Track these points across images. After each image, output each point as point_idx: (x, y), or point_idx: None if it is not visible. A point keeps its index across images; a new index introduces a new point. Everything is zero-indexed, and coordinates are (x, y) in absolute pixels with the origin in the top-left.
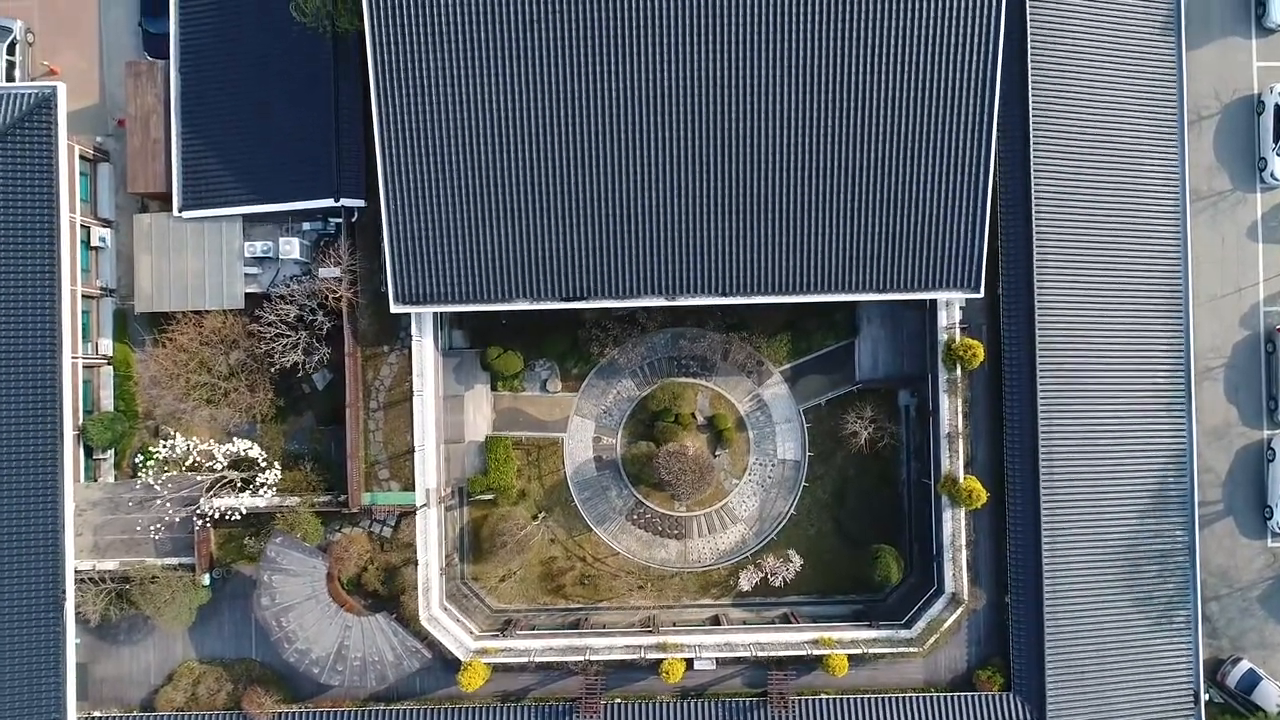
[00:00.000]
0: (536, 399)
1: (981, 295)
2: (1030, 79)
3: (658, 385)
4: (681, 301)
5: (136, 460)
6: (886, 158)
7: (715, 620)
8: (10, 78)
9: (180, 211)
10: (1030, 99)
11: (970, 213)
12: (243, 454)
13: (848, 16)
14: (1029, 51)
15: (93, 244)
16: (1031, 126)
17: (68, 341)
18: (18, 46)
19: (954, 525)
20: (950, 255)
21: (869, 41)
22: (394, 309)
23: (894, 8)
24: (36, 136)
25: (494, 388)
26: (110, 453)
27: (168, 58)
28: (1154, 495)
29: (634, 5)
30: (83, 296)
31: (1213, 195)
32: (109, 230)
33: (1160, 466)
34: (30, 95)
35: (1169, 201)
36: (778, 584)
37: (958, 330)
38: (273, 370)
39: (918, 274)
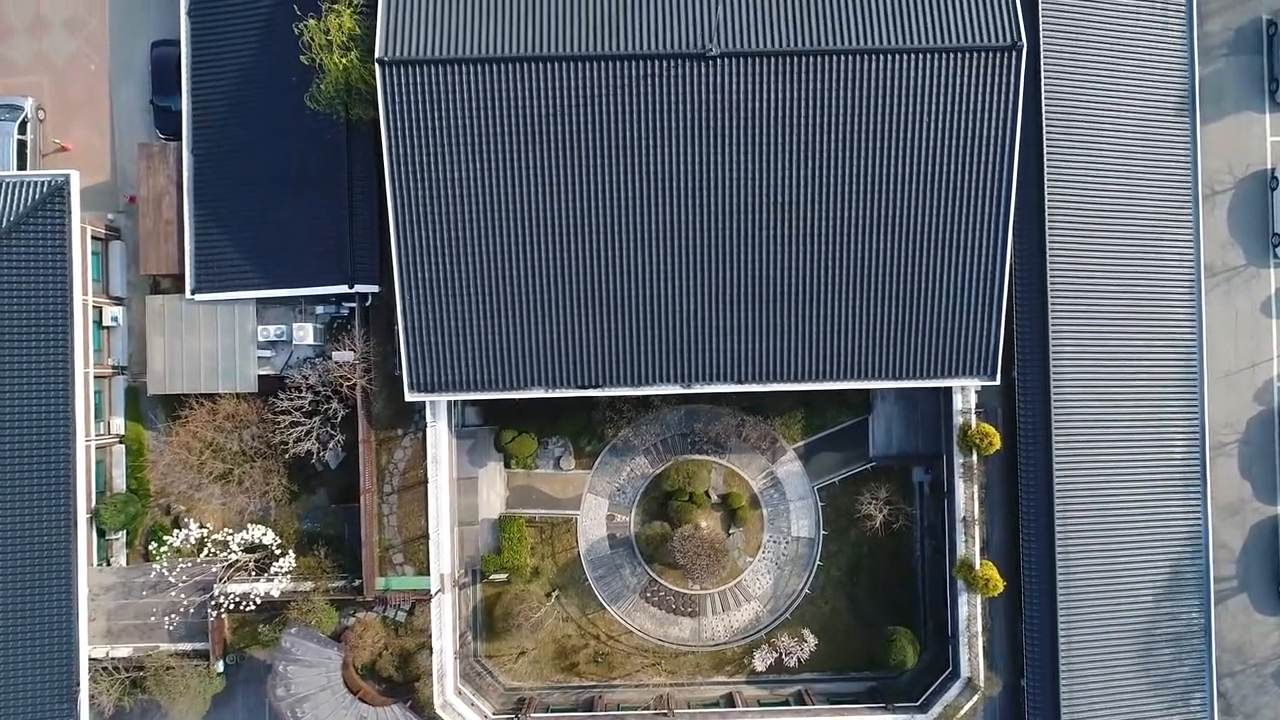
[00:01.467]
0: (550, 476)
1: (998, 383)
2: (1046, 162)
3: (671, 463)
4: (697, 389)
5: (150, 547)
6: (902, 249)
7: (729, 698)
8: (22, 156)
9: (193, 294)
10: (1046, 181)
11: (986, 302)
12: (257, 541)
13: (864, 111)
14: (1044, 137)
15: (105, 324)
16: (1047, 209)
17: (81, 426)
18: (29, 125)
19: (969, 610)
20: (966, 344)
21: (886, 136)
22: (409, 398)
23: (911, 103)
24: (51, 223)
25: (507, 465)
26: (122, 533)
27: (179, 136)
28: (1169, 577)
29: (650, 100)
30: (95, 377)
31: (1226, 271)
32: (121, 308)
33: (1176, 548)
34: (44, 182)
35: (1183, 278)
36: (792, 664)
37: (973, 415)
38: (286, 457)
39: (934, 362)
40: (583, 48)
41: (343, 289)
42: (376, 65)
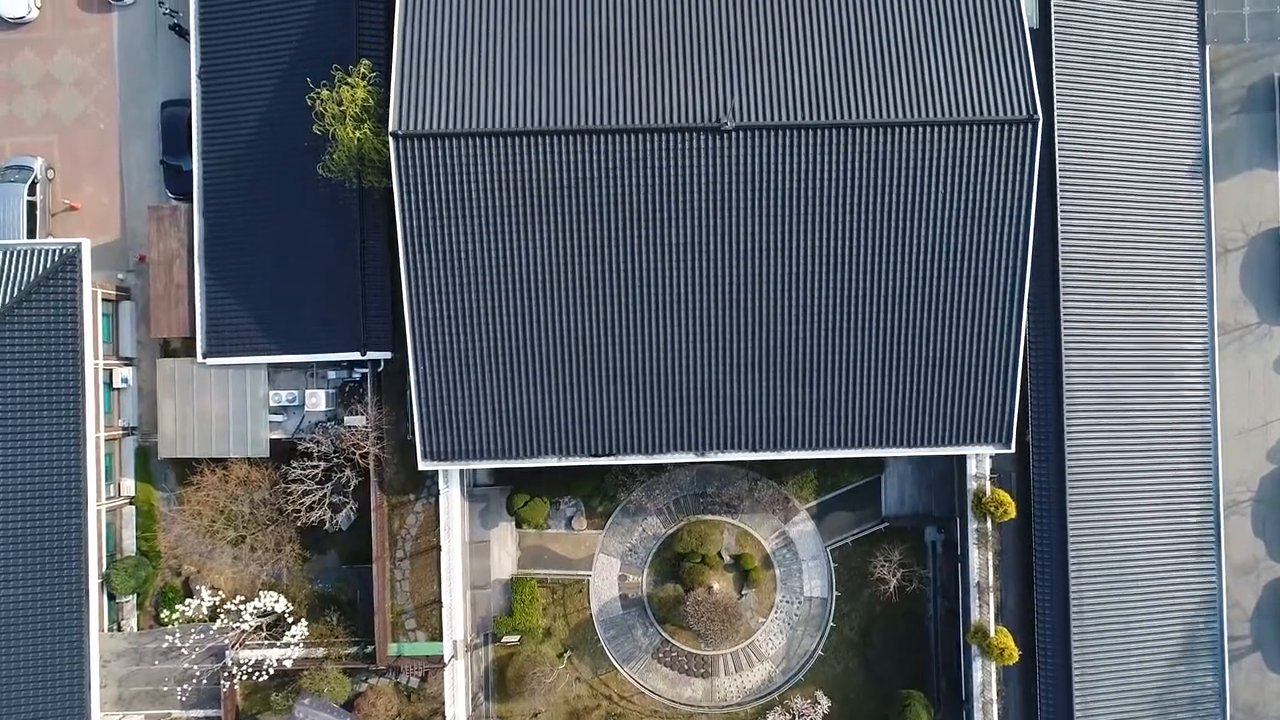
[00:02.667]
0: (562, 536)
1: (1012, 451)
2: (1060, 230)
3: (684, 523)
4: (711, 458)
5: (162, 614)
6: (917, 318)
7: None
8: (31, 217)
9: (204, 358)
10: (1060, 249)
11: (1001, 371)
12: (269, 608)
13: (880, 183)
14: (1058, 206)
15: (115, 385)
16: (1061, 277)
17: (93, 492)
18: (39, 185)
19: (984, 676)
20: (981, 412)
21: (901, 207)
22: (422, 466)
23: (927, 175)
24: (62, 291)
25: (519, 525)
26: (133, 595)
27: (190, 195)
28: (1184, 640)
29: (664, 172)
30: (105, 439)
31: (1239, 329)
32: (130, 369)
33: (1190, 611)
34: (56, 251)
35: (1197, 338)
36: None
37: (987, 482)
38: (298, 525)
39: (948, 430)
40: (596, 121)
41: (355, 355)
42: (390, 139)
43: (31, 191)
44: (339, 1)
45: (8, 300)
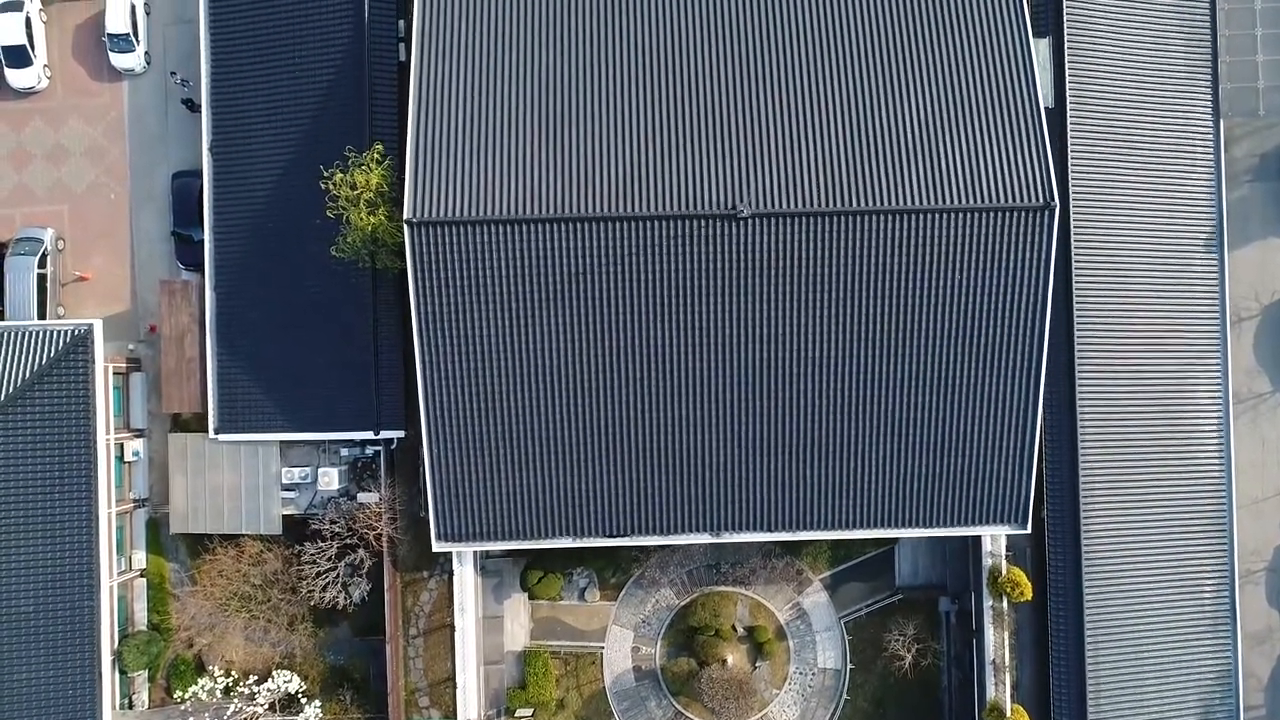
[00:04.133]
0: (574, 608)
1: (1028, 531)
2: (1075, 311)
3: (697, 594)
4: (727, 538)
5: (174, 690)
6: (933, 401)
7: None
8: (41, 290)
9: (215, 434)
10: (1075, 329)
11: (1017, 452)
12: (282, 688)
13: (896, 268)
14: (1073, 288)
15: (126, 459)
16: (1077, 356)
17: (105, 570)
18: (49, 257)
19: None
20: (996, 493)
21: (917, 292)
22: (436, 548)
23: (943, 260)
24: (74, 372)
25: (532, 596)
26: (145, 670)
27: (200, 266)
28: (1200, 714)
29: (679, 258)
30: (116, 514)
31: (1252, 398)
32: (141, 441)
33: (1206, 685)
34: (68, 332)
35: (1211, 409)
36: None
37: (1003, 560)
38: (311, 605)
39: (963, 511)
40: (611, 208)
41: (369, 435)
42: (405, 226)
43: (42, 264)
44: (352, 81)
45: (21, 382)
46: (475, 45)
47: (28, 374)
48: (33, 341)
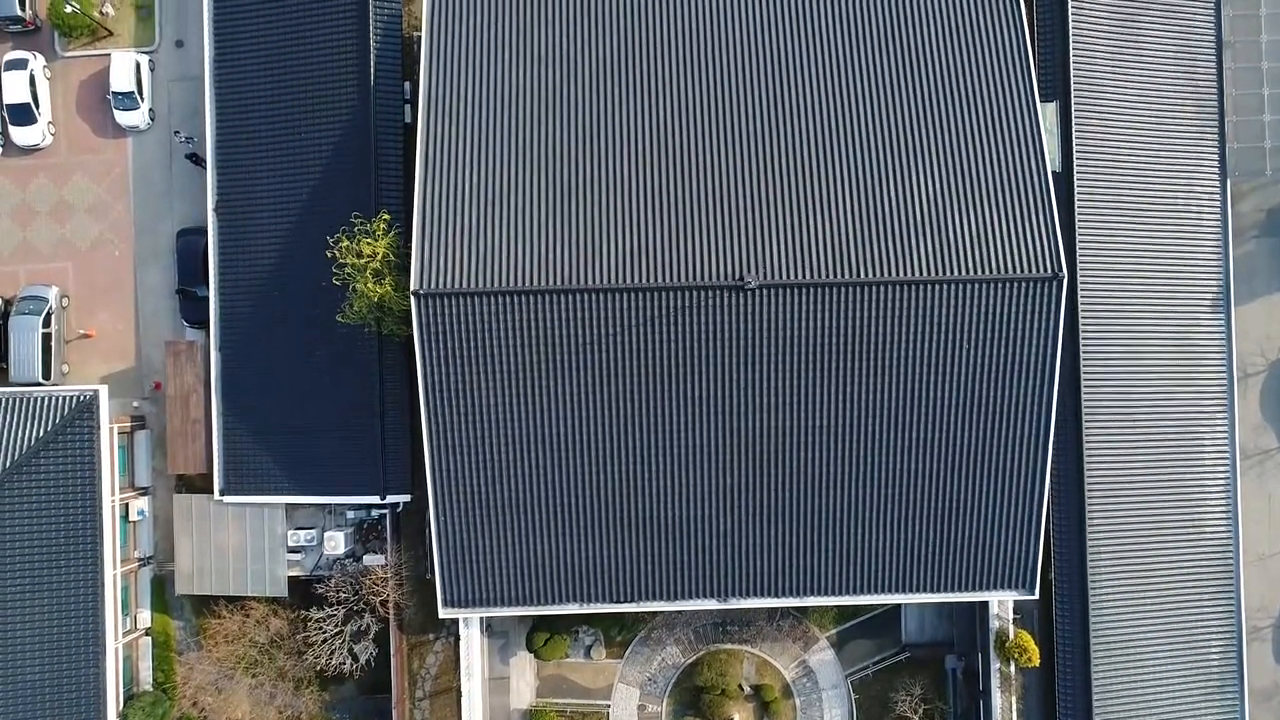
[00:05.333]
0: (581, 666)
1: (1036, 597)
2: (1083, 363)
3: (704, 652)
4: (733, 604)
5: None
6: (941, 469)
7: None
8: (46, 349)
9: (221, 496)
10: (1083, 384)
11: (1025, 519)
12: None
13: (904, 338)
14: (1081, 338)
15: (131, 518)
16: (1084, 410)
17: (111, 633)
18: (53, 316)
19: None
20: (1004, 559)
21: (925, 362)
22: (443, 614)
23: (951, 331)
24: (80, 437)
25: (538, 657)
26: None
27: (205, 323)
28: None
29: (686, 328)
30: (121, 574)
31: (1259, 454)
32: (146, 499)
33: None
34: (73, 398)
35: (1219, 466)
36: None
37: (1010, 624)
38: (317, 669)
39: (970, 577)
40: (618, 279)
41: (375, 500)
42: (412, 297)
43: (46, 323)
44: (357, 142)
45: (26, 449)
46: (481, 115)
47: (33, 440)
48: (38, 408)
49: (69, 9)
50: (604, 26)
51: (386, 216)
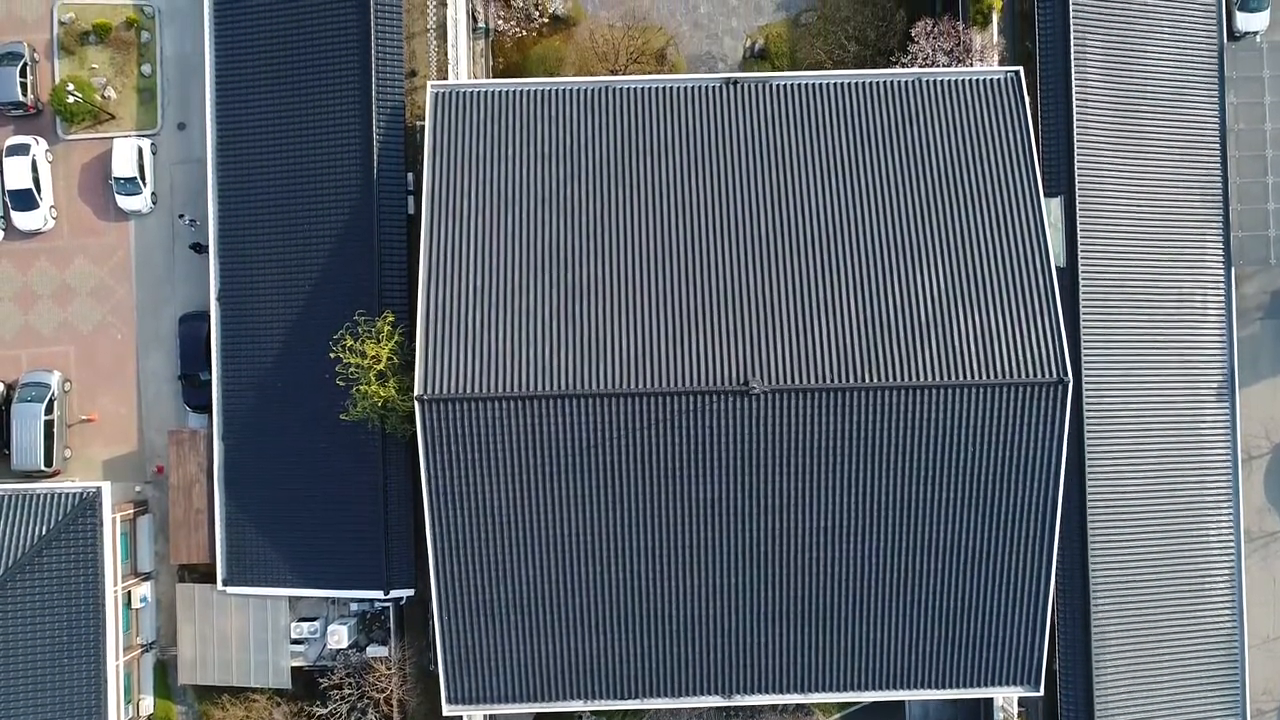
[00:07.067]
0: None
1: (1041, 694)
2: (1088, 458)
3: None
4: (738, 701)
5: None
6: (947, 568)
7: None
8: (49, 435)
9: (224, 587)
10: (1087, 478)
11: (1030, 617)
12: None
13: (910, 442)
14: (1086, 436)
15: (134, 605)
16: (1089, 503)
17: None
18: (55, 402)
19: None
20: (1009, 656)
21: (931, 464)
22: (447, 711)
23: (957, 434)
24: (83, 533)
25: None
26: None
27: (208, 407)
28: None
29: (691, 432)
30: (124, 662)
31: (1263, 536)
32: (149, 585)
33: None
34: (76, 495)
35: (1223, 551)
36: None
37: (1015, 717)
38: None
39: (976, 673)
40: (622, 384)
41: (378, 594)
42: (416, 403)
43: (49, 409)
44: (361, 234)
45: (29, 546)
46: (485, 213)
47: (35, 539)
48: (39, 506)
49: (71, 99)
50: (608, 126)
51: (390, 317)
